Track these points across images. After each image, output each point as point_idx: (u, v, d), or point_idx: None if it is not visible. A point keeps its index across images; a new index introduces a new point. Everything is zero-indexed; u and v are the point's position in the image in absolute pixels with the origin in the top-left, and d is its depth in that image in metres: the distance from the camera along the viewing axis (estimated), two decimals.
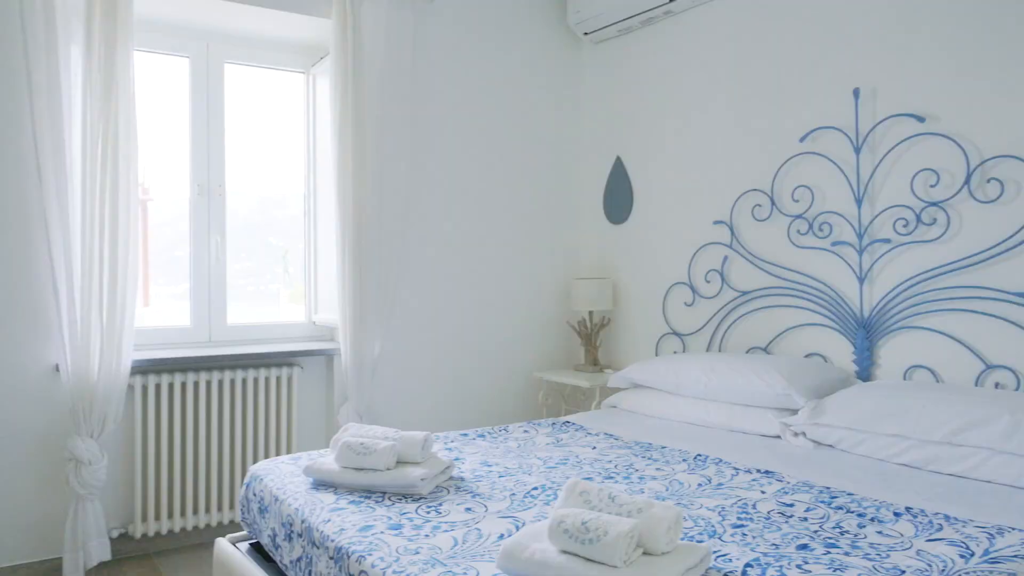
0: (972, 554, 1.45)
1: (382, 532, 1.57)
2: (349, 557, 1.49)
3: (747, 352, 3.08)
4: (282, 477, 2.00)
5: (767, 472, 2.06)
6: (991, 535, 1.55)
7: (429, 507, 1.75)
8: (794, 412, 2.49)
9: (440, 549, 1.47)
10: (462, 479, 1.98)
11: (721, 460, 2.19)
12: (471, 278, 3.55)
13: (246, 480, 2.12)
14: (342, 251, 3.06)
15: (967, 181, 2.42)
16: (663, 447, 2.37)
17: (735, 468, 2.10)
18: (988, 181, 2.38)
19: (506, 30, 3.64)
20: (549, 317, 3.80)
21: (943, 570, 1.37)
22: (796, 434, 2.40)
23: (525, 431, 2.61)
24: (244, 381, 3.00)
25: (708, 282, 3.27)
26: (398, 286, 3.23)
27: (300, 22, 3.12)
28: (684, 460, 2.21)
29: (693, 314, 3.33)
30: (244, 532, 2.14)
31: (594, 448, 2.37)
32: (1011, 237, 2.33)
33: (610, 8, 3.46)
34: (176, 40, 3.09)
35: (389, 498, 1.82)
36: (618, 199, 3.72)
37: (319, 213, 3.38)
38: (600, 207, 3.82)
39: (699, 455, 2.25)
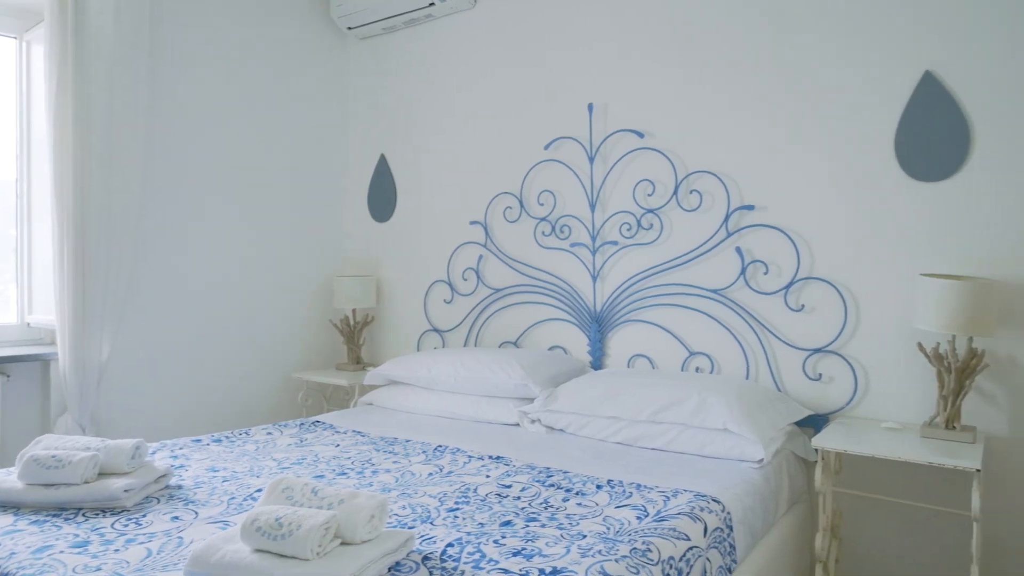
0: (647, 515, 1.65)
1: (62, 552, 1.41)
2: None
3: (500, 346, 3.24)
4: None
5: (498, 458, 2.17)
6: (667, 498, 1.78)
7: (129, 519, 1.61)
8: (532, 401, 2.66)
9: (127, 563, 1.36)
10: (180, 487, 1.85)
11: (459, 450, 2.28)
12: (224, 275, 3.34)
13: None
14: (60, 243, 2.71)
15: (675, 191, 2.76)
16: (407, 441, 2.41)
17: (469, 456, 2.20)
18: (691, 192, 2.74)
19: (264, 14, 3.47)
20: (310, 315, 3.70)
21: (618, 531, 1.55)
22: (532, 421, 2.57)
23: (268, 433, 2.51)
24: None
25: (465, 280, 3.39)
26: (132, 282, 2.94)
27: None
28: (424, 452, 2.26)
29: (452, 311, 3.44)
30: None
31: (337, 446, 2.34)
32: (707, 242, 2.70)
33: (373, 5, 3.45)
34: None
35: (84, 514, 1.64)
36: (382, 197, 3.72)
37: (33, 199, 2.97)
38: (364, 204, 3.80)
39: (439, 446, 2.32)
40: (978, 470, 1.84)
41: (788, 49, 2.53)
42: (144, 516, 1.63)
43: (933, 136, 2.27)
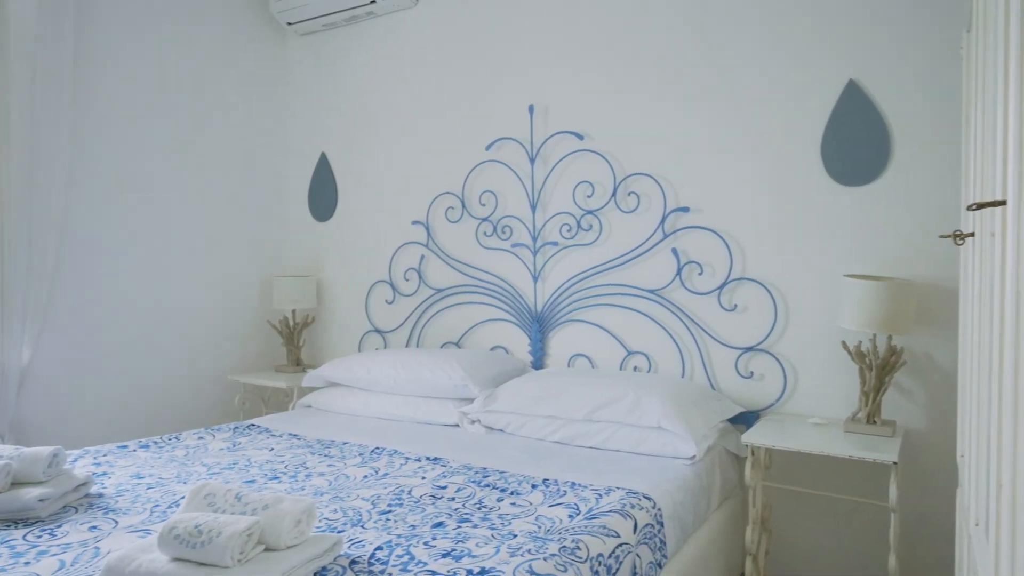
0: (579, 513, 1.67)
1: None
2: None
3: (442, 347, 3.23)
4: None
5: (435, 459, 2.16)
6: (600, 495, 1.80)
7: (43, 530, 1.54)
8: (472, 401, 2.66)
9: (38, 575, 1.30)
10: (101, 495, 1.79)
11: (396, 451, 2.26)
12: (156, 275, 3.22)
13: None
14: None
15: (614, 193, 2.80)
16: (344, 443, 2.38)
17: (406, 458, 2.18)
18: (629, 194, 2.78)
19: (199, 6, 3.37)
20: (248, 316, 3.61)
21: (549, 529, 1.56)
22: (472, 421, 2.57)
23: (200, 438, 2.44)
24: None
25: (407, 280, 3.37)
26: (56, 281, 2.82)
27: None
28: (360, 454, 2.24)
29: (394, 311, 3.41)
30: None
31: (272, 450, 2.29)
32: (644, 243, 2.74)
33: (313, 0, 3.40)
34: None
35: None
36: (323, 196, 3.66)
37: None
38: (305, 203, 3.73)
39: (376, 448, 2.30)
40: (895, 463, 1.93)
41: (720, 58, 2.59)
42: (60, 526, 1.57)
43: (857, 142, 2.36)
